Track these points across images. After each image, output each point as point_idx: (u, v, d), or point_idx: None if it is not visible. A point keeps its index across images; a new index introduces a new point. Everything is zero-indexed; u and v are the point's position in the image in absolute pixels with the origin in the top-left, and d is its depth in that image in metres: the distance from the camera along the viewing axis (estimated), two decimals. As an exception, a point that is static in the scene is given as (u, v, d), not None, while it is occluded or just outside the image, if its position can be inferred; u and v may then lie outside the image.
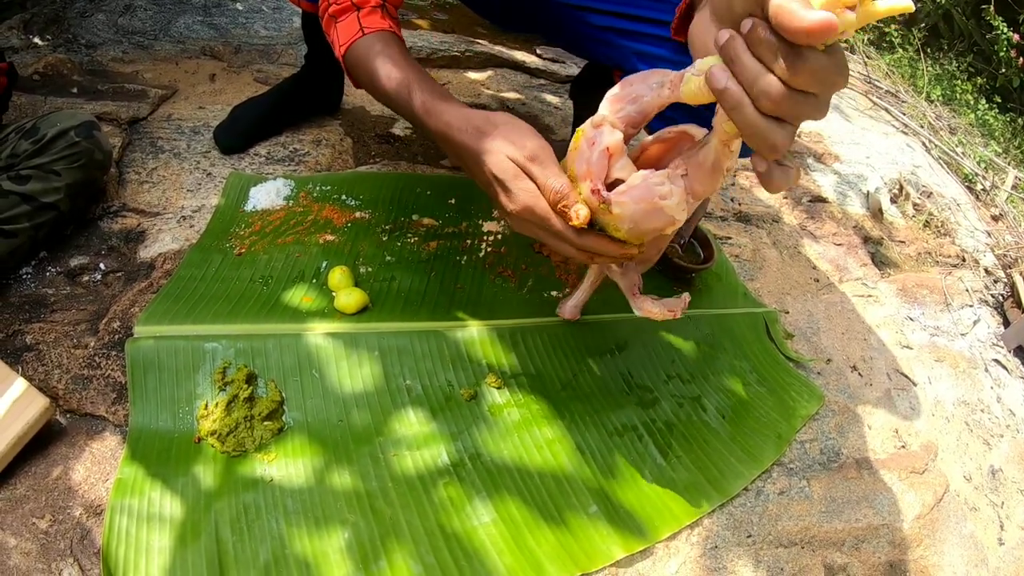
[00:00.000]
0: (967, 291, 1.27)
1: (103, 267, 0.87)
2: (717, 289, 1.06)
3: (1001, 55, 2.30)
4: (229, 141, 1.07)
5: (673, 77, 0.46)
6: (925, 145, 1.79)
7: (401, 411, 0.77)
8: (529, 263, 0.98)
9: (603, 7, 0.75)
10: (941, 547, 0.82)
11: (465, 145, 0.61)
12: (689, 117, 0.55)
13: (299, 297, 0.85)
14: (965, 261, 1.35)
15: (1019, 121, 2.28)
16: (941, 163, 1.73)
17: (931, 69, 2.34)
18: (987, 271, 1.36)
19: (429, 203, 1.03)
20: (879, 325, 1.11)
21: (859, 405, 0.95)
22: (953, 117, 2.12)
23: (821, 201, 1.37)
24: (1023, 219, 1.58)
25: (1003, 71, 2.35)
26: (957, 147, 1.84)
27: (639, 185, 0.50)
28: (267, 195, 0.99)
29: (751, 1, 0.37)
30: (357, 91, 1.30)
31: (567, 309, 0.87)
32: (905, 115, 1.92)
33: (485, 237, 1.00)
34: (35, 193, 0.81)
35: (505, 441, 0.77)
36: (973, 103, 2.23)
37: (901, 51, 2.43)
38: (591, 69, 1.15)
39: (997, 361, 1.15)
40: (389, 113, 1.28)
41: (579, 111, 1.19)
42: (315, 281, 0.87)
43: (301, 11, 1.01)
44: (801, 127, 1.50)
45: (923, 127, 1.88)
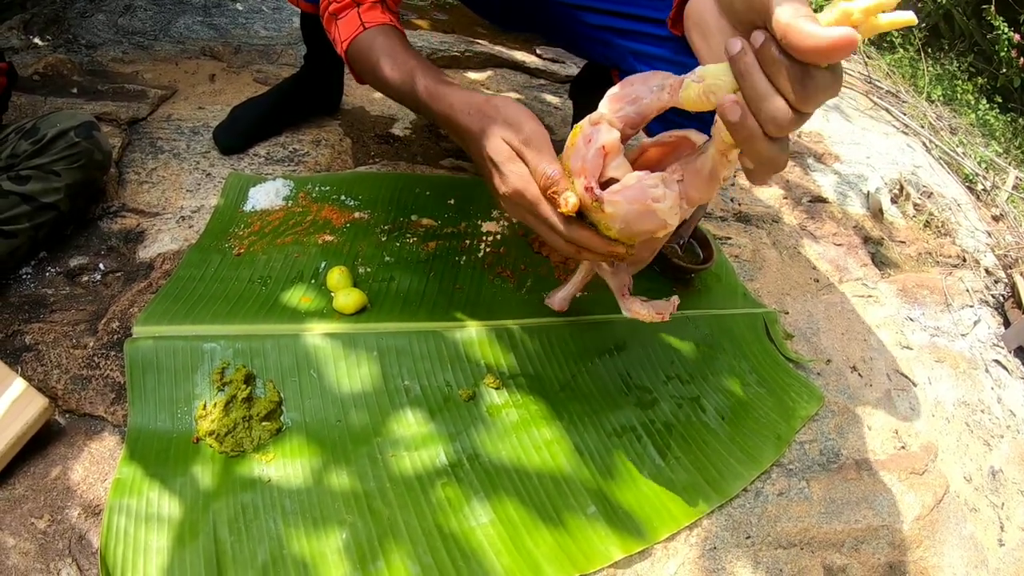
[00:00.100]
0: (967, 291, 1.27)
1: (102, 267, 0.87)
2: (716, 289, 1.05)
3: (1002, 55, 2.30)
4: (228, 141, 1.07)
5: (673, 82, 0.46)
6: (925, 145, 1.79)
7: (399, 411, 0.77)
8: (528, 264, 0.98)
9: (600, 6, 0.75)
10: (941, 548, 0.82)
11: (467, 127, 0.61)
12: (688, 118, 0.55)
13: (298, 297, 0.85)
14: (965, 261, 1.35)
15: (1020, 121, 2.28)
16: (942, 163, 1.73)
17: (932, 69, 2.34)
18: (988, 271, 1.36)
19: (428, 203, 1.03)
20: (879, 325, 1.11)
21: (859, 406, 0.95)
22: (954, 117, 2.11)
23: (821, 201, 1.37)
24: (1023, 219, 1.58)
25: (1004, 71, 2.34)
26: (958, 147, 1.84)
27: (633, 186, 0.50)
28: (266, 195, 0.99)
29: (750, 4, 0.37)
30: (357, 91, 1.31)
31: (556, 300, 0.86)
32: (906, 115, 1.91)
33: (484, 237, 1.00)
34: (35, 193, 0.81)
35: (503, 442, 0.77)
36: (974, 103, 2.23)
37: (902, 51, 2.43)
38: (590, 69, 1.15)
39: (997, 362, 1.14)
40: (388, 113, 1.28)
41: (578, 111, 1.19)
42: (314, 281, 0.87)
43: (300, 12, 1.02)
44: (801, 127, 1.50)
45: (924, 127, 1.88)
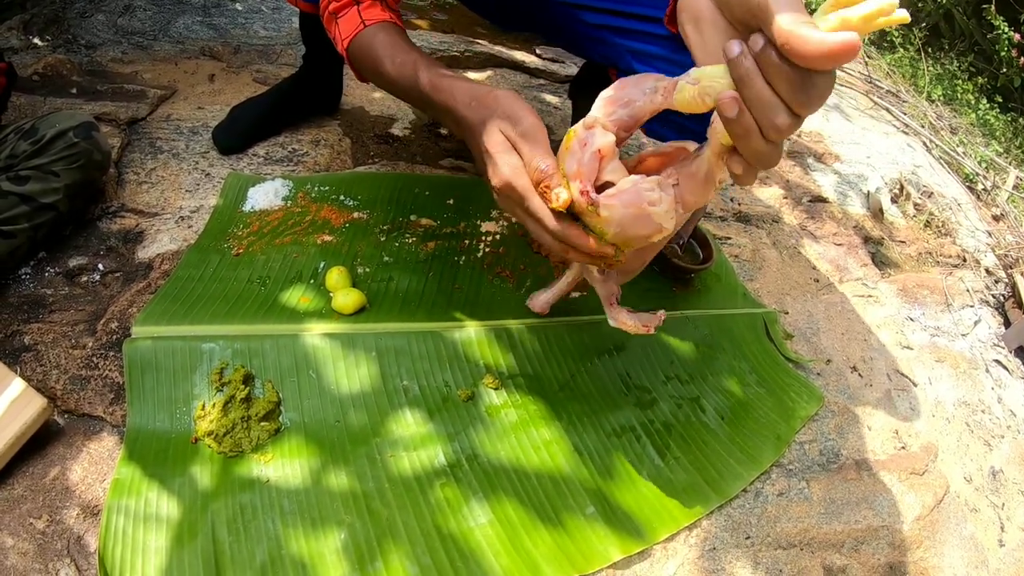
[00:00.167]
0: (968, 291, 1.27)
1: (101, 267, 0.87)
2: (716, 289, 1.05)
3: (1002, 55, 2.30)
4: (228, 141, 1.07)
5: (667, 84, 0.46)
6: (926, 145, 1.79)
7: (398, 412, 0.76)
8: (527, 264, 0.98)
9: (599, 5, 0.75)
10: (941, 548, 0.82)
11: (467, 119, 0.61)
12: (688, 118, 0.55)
13: (297, 297, 0.85)
14: (966, 261, 1.35)
15: (1020, 121, 2.28)
16: (942, 163, 1.72)
17: (932, 69, 2.34)
18: (988, 271, 1.35)
19: (427, 203, 1.03)
20: (879, 325, 1.11)
21: (859, 406, 0.95)
22: (954, 117, 2.11)
23: (821, 201, 1.37)
24: (1024, 219, 1.57)
25: (1004, 71, 2.34)
26: (958, 147, 1.84)
27: (629, 190, 0.50)
28: (265, 195, 0.99)
29: (747, 5, 0.37)
30: (356, 91, 1.31)
31: (538, 302, 0.85)
32: (906, 115, 1.91)
33: (483, 238, 1.00)
34: (34, 194, 0.81)
35: (502, 442, 0.76)
36: (974, 103, 2.22)
37: (902, 51, 2.43)
38: (589, 69, 1.15)
39: (998, 362, 1.14)
40: (388, 113, 1.28)
41: (578, 111, 1.19)
42: (313, 281, 0.87)
43: (299, 12, 1.01)
44: (801, 127, 1.50)
45: (924, 127, 1.88)
